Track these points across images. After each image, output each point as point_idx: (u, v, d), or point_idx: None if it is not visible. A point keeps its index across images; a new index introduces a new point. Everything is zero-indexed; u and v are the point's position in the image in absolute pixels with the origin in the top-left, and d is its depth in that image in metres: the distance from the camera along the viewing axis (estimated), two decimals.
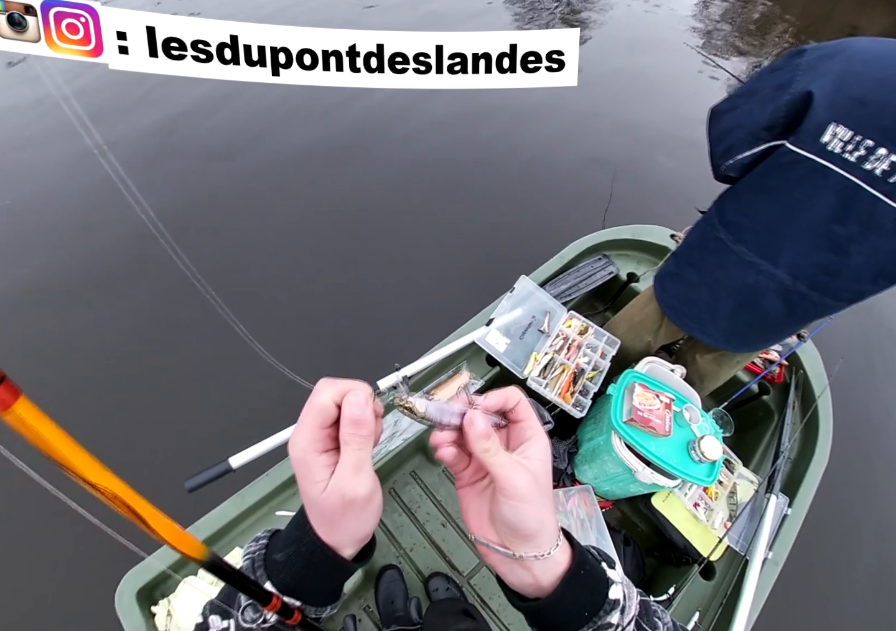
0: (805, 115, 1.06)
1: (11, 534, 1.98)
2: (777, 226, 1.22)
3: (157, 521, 0.29)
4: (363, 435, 0.38)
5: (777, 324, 1.39)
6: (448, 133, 3.80)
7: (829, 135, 1.04)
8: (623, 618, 0.40)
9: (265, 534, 0.43)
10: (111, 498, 0.26)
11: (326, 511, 0.38)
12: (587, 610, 0.40)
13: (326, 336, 2.58)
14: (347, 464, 0.37)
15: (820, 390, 1.89)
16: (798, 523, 1.59)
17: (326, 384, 0.39)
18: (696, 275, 1.45)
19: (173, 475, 1.31)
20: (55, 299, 2.73)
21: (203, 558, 0.34)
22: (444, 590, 1.59)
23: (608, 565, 0.43)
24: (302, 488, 0.39)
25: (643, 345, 1.79)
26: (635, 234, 2.17)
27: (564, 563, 0.41)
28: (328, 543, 0.39)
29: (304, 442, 0.38)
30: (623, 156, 3.79)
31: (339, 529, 0.39)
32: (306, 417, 0.38)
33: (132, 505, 0.27)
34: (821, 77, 1.05)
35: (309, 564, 0.39)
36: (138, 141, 3.57)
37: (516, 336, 1.74)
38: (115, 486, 0.27)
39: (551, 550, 0.40)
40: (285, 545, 0.40)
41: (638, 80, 4.67)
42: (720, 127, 1.27)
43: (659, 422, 1.46)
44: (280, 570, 0.39)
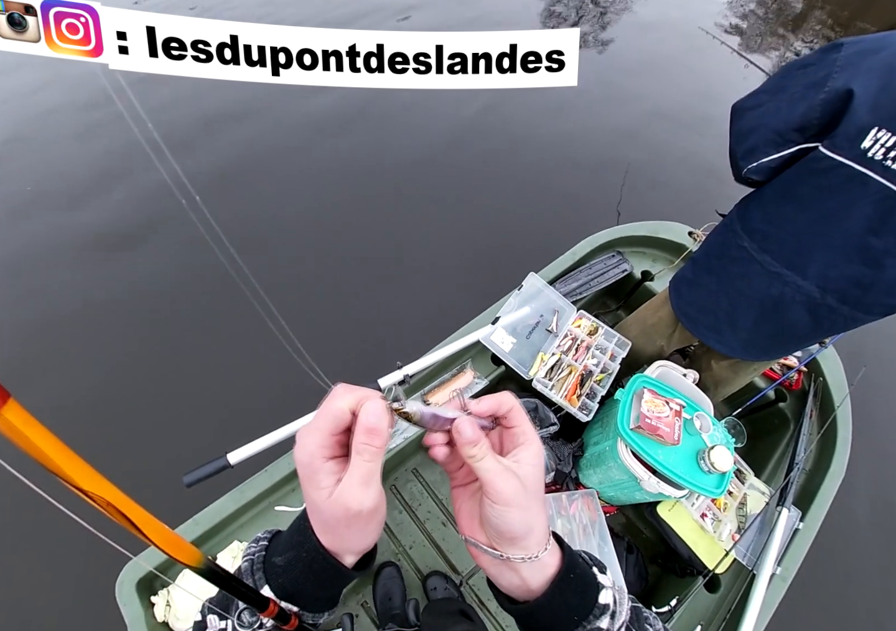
0: (843, 116, 0.97)
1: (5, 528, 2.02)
2: (807, 236, 1.14)
3: (152, 528, 0.29)
4: (377, 446, 0.37)
5: (801, 336, 1.32)
6: (456, 127, 3.71)
7: (870, 140, 0.95)
8: (613, 623, 0.40)
9: (266, 535, 0.43)
10: (104, 505, 0.26)
11: (329, 519, 0.37)
12: (576, 614, 0.40)
13: (328, 333, 2.57)
14: (356, 475, 0.36)
15: (840, 399, 1.81)
16: (810, 538, 1.54)
17: (345, 390, 0.38)
18: (716, 283, 1.38)
19: (173, 469, 1.31)
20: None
21: (199, 565, 0.33)
22: (442, 589, 1.59)
23: (599, 570, 0.43)
24: (305, 492, 0.38)
25: (656, 349, 1.74)
26: (652, 230, 2.09)
27: (554, 566, 0.41)
28: (330, 550, 0.39)
29: (314, 446, 0.37)
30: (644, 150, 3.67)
31: (340, 539, 0.39)
32: (321, 420, 0.37)
33: (126, 512, 0.27)
34: (863, 75, 0.95)
35: (309, 570, 0.39)
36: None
37: (523, 335, 1.70)
38: (109, 492, 0.26)
39: (539, 553, 0.40)
40: (286, 549, 0.40)
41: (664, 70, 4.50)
42: (742, 125, 1.18)
43: (667, 430, 1.41)
44: (279, 574, 0.39)
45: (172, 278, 2.74)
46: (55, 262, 2.81)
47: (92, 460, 0.25)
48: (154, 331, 2.57)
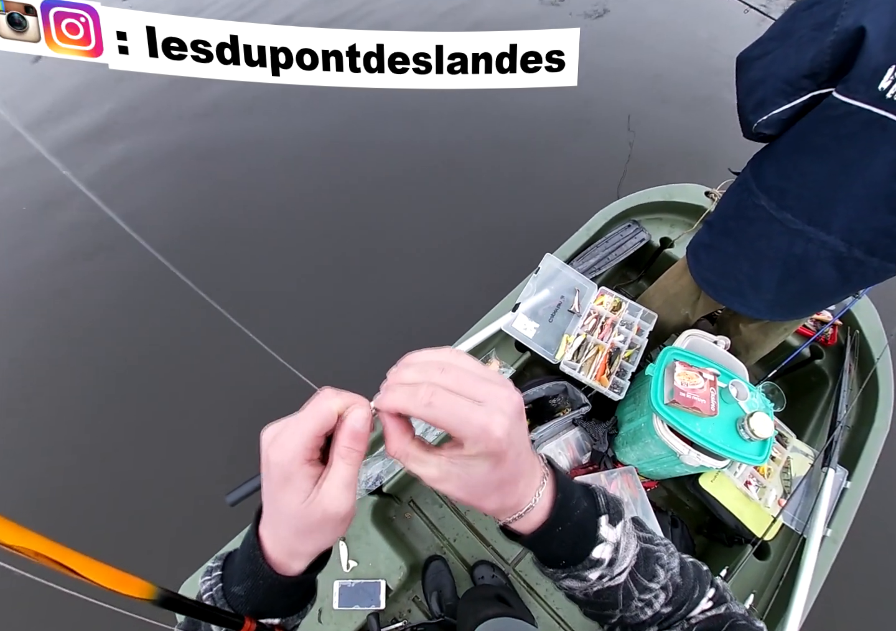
0: (856, 57, 0.90)
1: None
2: (827, 189, 1.08)
3: (90, 568, 0.28)
4: (360, 451, 0.36)
5: (830, 292, 1.27)
6: (465, 111, 3.60)
7: (888, 80, 0.88)
8: (613, 569, 0.42)
9: (217, 564, 0.42)
10: (33, 556, 0.26)
11: (302, 524, 0.36)
12: (564, 559, 0.42)
13: (330, 331, 2.56)
14: (339, 479, 0.35)
15: (879, 351, 1.75)
16: (858, 497, 1.51)
17: (333, 393, 0.37)
18: (734, 246, 1.32)
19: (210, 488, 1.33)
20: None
21: (153, 597, 0.32)
22: (489, 577, 1.60)
23: (609, 521, 0.43)
24: (272, 496, 0.36)
25: (681, 318, 1.69)
26: (667, 195, 2.02)
27: (538, 522, 0.41)
28: (283, 559, 0.38)
29: (296, 447, 0.34)
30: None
31: (307, 542, 0.38)
32: (307, 421, 0.35)
33: (58, 558, 0.27)
34: (873, 9, 0.88)
35: (270, 593, 0.39)
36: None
37: (545, 319, 1.67)
38: (33, 542, 0.26)
39: (516, 516, 0.40)
40: (242, 579, 0.39)
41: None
42: (750, 77, 1.10)
43: (703, 401, 1.38)
44: (244, 603, 0.39)
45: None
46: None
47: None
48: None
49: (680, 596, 0.44)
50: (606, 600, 0.43)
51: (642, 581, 0.43)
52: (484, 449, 0.34)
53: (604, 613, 0.45)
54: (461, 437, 0.34)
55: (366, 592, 1.38)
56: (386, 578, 1.41)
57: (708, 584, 0.46)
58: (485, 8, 4.39)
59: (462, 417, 0.33)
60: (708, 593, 0.46)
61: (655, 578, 0.44)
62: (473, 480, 0.36)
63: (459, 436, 0.34)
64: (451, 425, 0.33)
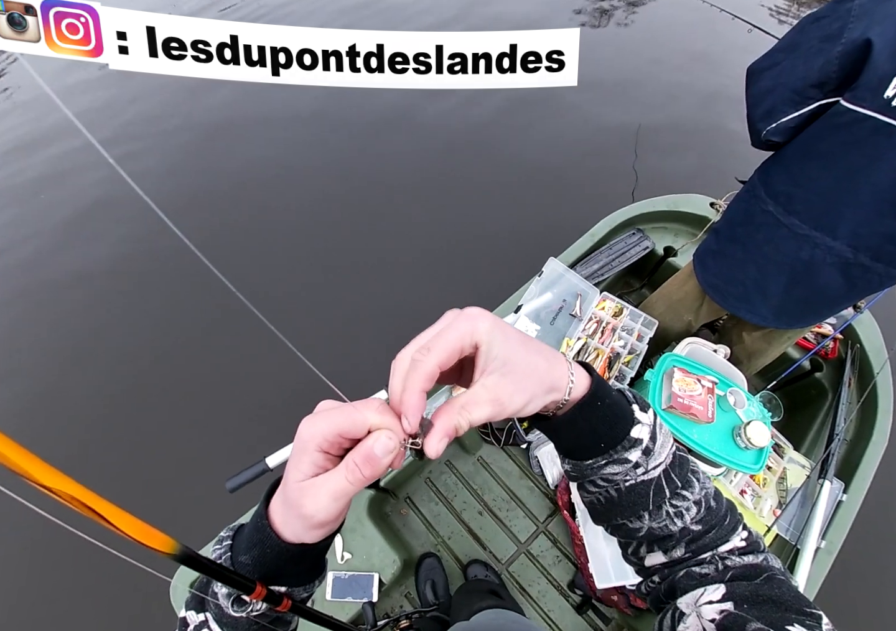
0: (863, 67, 0.93)
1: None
2: (834, 194, 1.10)
3: (119, 518, 0.29)
4: (367, 475, 0.35)
5: (835, 299, 1.29)
6: (471, 112, 3.65)
7: (893, 88, 0.91)
8: (648, 460, 0.41)
9: (228, 533, 0.43)
10: (69, 500, 0.27)
11: (288, 500, 0.37)
12: (603, 441, 0.41)
13: (341, 332, 2.59)
14: (329, 486, 0.35)
15: (879, 366, 1.75)
16: (854, 510, 1.50)
17: (381, 408, 0.37)
18: (742, 251, 1.34)
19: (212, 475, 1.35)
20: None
21: (173, 552, 0.33)
22: (482, 577, 1.61)
23: (641, 408, 0.43)
24: (289, 465, 0.38)
25: (683, 324, 1.71)
26: (672, 204, 2.04)
27: (579, 395, 0.41)
28: (279, 528, 0.38)
29: (318, 431, 0.36)
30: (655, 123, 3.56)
31: (289, 517, 0.38)
32: (339, 416, 0.36)
33: (91, 505, 0.28)
34: (879, 22, 0.92)
35: (278, 560, 0.39)
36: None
37: (547, 322, 1.69)
38: (71, 487, 0.27)
39: (566, 396, 0.40)
40: (249, 548, 0.39)
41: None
42: (759, 87, 1.14)
43: (701, 408, 1.39)
44: (252, 571, 0.39)
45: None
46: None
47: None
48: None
49: (712, 518, 0.44)
50: (638, 498, 0.42)
51: (676, 482, 0.43)
52: (487, 341, 0.37)
53: (631, 520, 0.44)
54: (463, 348, 0.37)
55: (359, 585, 1.39)
56: (380, 571, 1.42)
57: (741, 523, 0.46)
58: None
59: (451, 337, 0.36)
60: (741, 532, 0.45)
61: (690, 487, 0.43)
62: (509, 375, 0.37)
63: (462, 347, 0.37)
64: (451, 347, 0.36)
